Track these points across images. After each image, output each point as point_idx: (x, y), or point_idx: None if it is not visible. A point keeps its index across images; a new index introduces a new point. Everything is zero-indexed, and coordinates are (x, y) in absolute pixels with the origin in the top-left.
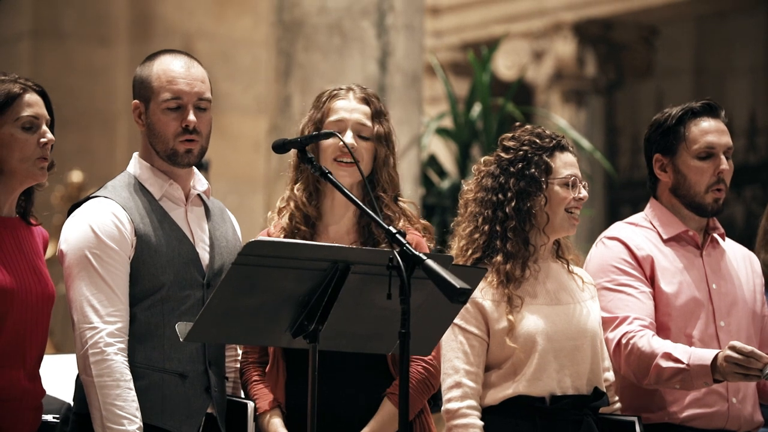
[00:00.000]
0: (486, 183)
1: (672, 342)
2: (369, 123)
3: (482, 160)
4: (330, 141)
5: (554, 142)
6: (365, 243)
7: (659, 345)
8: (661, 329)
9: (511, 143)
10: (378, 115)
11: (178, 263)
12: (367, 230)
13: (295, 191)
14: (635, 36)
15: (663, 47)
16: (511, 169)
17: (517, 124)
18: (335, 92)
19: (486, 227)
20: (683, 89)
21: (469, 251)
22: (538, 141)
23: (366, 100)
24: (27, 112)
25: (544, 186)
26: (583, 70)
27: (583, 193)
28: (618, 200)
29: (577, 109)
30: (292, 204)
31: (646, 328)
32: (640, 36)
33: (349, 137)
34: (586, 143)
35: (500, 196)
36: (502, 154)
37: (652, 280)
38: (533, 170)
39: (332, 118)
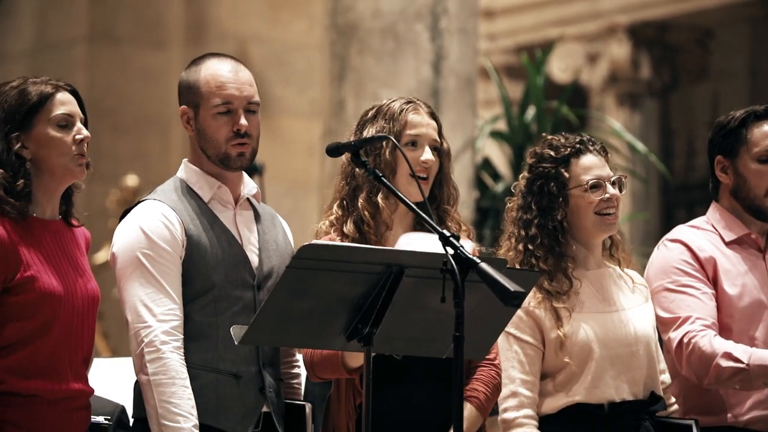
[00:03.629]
0: (518, 202)
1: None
2: (438, 139)
3: (521, 176)
4: (412, 155)
5: (569, 149)
6: None
7: (720, 345)
8: (724, 331)
9: (531, 160)
10: (441, 132)
11: (228, 263)
12: None
13: (360, 199)
14: (690, 38)
15: (718, 50)
16: (533, 187)
17: (543, 135)
18: (407, 105)
19: (520, 246)
20: (738, 92)
21: None
22: (553, 154)
23: (433, 116)
24: (60, 110)
25: (562, 199)
26: (637, 72)
27: (610, 191)
28: (673, 203)
29: (632, 112)
30: (354, 213)
31: (709, 328)
32: (694, 38)
33: (429, 153)
34: (640, 146)
35: (528, 215)
36: (526, 173)
37: (714, 282)
38: (552, 185)
39: (411, 131)
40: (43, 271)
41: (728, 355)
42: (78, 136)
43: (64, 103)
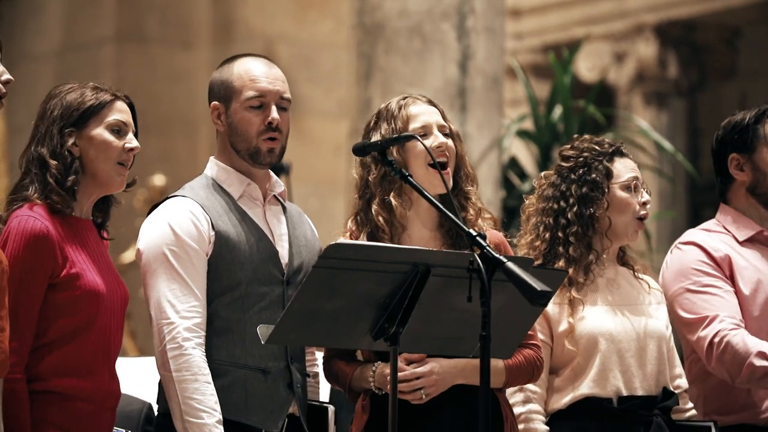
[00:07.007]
0: (547, 193)
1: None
2: (445, 123)
3: (542, 174)
4: (422, 146)
5: (613, 148)
6: (451, 247)
7: (754, 344)
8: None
9: (570, 152)
10: (445, 116)
11: (256, 260)
12: (450, 234)
13: (374, 206)
14: (718, 37)
15: (746, 49)
16: (572, 176)
17: (575, 136)
18: (403, 101)
19: (547, 234)
20: (766, 91)
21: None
22: (597, 148)
23: (433, 103)
24: (116, 117)
25: (606, 190)
26: (665, 71)
27: (646, 196)
28: (700, 202)
29: (659, 111)
30: (372, 212)
31: (738, 326)
32: (722, 37)
33: (440, 137)
34: (668, 145)
35: (562, 203)
36: (562, 163)
37: (731, 280)
38: (594, 175)
39: (416, 124)
40: (86, 268)
41: (762, 354)
42: (128, 145)
43: (121, 111)
